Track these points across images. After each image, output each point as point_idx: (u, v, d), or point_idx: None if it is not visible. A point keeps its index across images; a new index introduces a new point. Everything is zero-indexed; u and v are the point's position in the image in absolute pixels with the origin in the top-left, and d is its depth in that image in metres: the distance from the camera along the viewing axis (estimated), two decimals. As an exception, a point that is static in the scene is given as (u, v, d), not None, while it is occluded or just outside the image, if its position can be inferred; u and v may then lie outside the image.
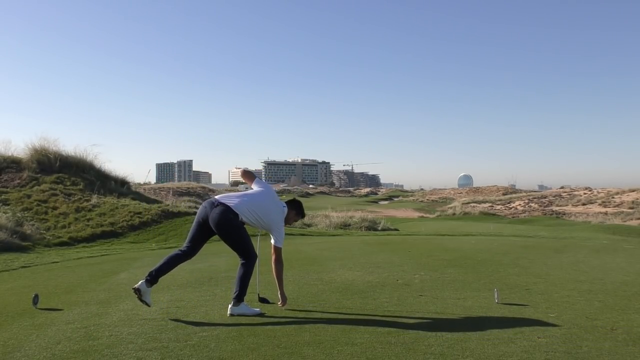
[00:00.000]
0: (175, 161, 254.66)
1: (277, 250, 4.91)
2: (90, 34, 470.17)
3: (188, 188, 56.09)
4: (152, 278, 4.61)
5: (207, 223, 4.69)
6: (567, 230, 23.33)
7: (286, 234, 5.41)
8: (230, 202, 4.72)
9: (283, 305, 4.92)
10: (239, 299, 4.69)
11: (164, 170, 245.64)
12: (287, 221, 5.08)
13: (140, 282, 4.58)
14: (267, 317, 4.58)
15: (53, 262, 10.26)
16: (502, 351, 3.54)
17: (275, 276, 4.95)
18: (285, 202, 5.12)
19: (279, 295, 4.97)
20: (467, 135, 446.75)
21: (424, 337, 3.85)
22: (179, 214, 18.02)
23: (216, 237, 4.75)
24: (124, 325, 4.31)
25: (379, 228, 22.20)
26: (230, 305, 4.70)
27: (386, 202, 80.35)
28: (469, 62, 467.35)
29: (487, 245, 11.02)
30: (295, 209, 5.12)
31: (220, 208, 4.67)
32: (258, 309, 4.78)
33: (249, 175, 5.18)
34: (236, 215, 4.69)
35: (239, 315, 4.61)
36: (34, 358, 3.56)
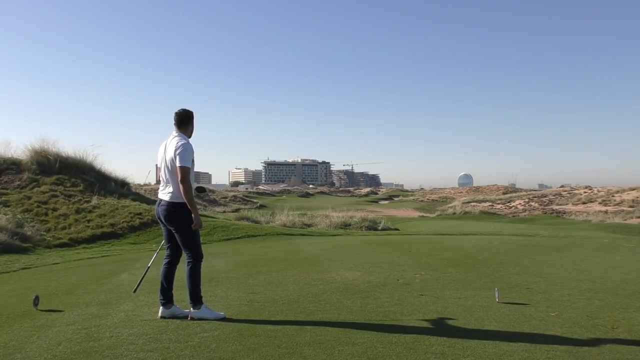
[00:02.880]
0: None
1: (182, 170, 4.44)
2: (90, 35, 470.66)
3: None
4: (165, 299, 4.62)
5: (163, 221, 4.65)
6: (567, 229, 23.32)
7: (286, 234, 5.38)
8: (165, 196, 4.56)
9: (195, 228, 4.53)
10: (195, 301, 4.51)
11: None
12: (189, 133, 4.73)
13: (160, 311, 4.62)
14: (268, 317, 4.58)
15: (53, 264, 10.25)
16: (503, 350, 3.55)
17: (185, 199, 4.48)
18: (178, 130, 4.68)
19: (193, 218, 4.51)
20: (467, 135, 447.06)
21: (425, 337, 3.85)
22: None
23: (217, 237, 4.74)
24: (125, 327, 4.31)
25: (380, 228, 22.16)
26: (190, 309, 4.54)
27: (386, 202, 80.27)
28: (469, 62, 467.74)
29: (488, 245, 11.02)
30: (185, 123, 4.71)
31: (163, 204, 4.57)
32: (222, 313, 4.58)
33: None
34: (174, 204, 4.49)
35: (199, 319, 4.44)
36: (34, 359, 3.56)
